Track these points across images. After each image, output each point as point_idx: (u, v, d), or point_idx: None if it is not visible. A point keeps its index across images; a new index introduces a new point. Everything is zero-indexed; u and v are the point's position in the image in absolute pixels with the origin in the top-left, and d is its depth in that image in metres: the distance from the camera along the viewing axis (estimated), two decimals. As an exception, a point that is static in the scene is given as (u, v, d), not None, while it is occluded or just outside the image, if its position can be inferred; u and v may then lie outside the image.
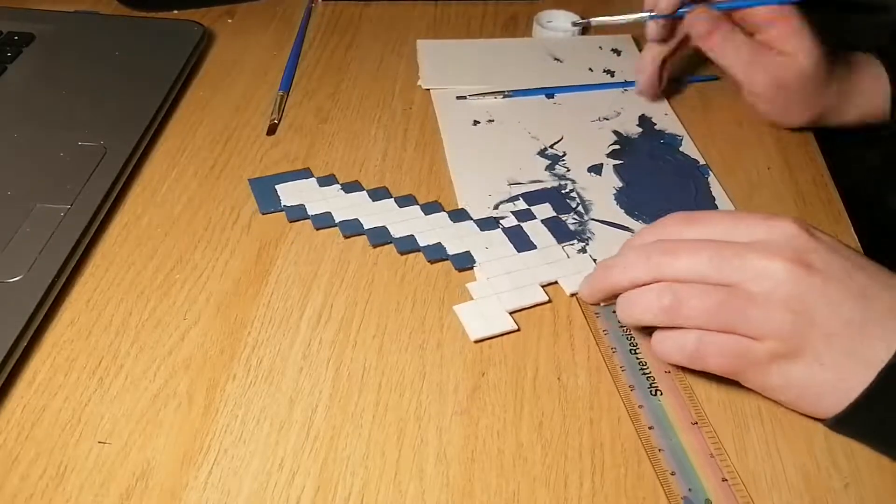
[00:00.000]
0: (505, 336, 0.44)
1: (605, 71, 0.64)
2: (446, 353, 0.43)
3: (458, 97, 0.61)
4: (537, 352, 0.43)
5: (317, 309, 0.45)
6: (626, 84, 0.62)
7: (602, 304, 0.44)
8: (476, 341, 0.43)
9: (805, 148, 0.57)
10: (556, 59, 0.65)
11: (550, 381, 0.41)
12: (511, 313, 0.44)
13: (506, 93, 0.61)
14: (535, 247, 0.48)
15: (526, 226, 0.50)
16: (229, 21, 0.71)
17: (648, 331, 0.41)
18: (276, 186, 0.53)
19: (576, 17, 0.68)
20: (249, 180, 0.53)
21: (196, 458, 0.38)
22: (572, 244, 0.49)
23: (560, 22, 0.69)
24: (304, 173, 0.54)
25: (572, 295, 0.46)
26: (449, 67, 0.64)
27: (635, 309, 0.40)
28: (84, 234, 0.47)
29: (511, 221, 0.50)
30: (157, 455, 0.38)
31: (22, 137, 0.55)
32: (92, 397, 0.40)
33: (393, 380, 0.41)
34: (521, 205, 0.52)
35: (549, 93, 0.62)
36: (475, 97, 0.61)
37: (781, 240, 0.39)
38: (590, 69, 0.64)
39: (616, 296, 0.42)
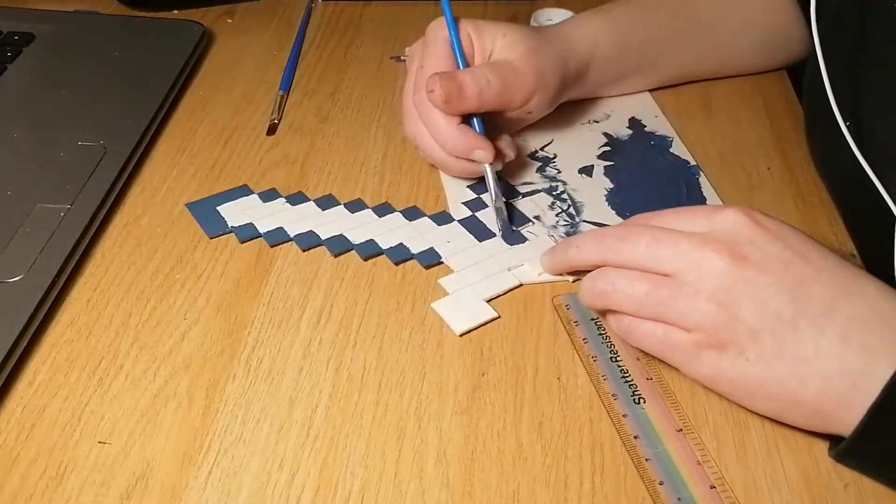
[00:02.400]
0: (505, 336, 0.44)
1: None
2: (446, 353, 0.43)
3: (391, 56, 0.64)
4: (537, 352, 0.43)
5: (317, 309, 0.45)
6: None
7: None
8: (462, 334, 0.43)
9: (805, 148, 0.57)
10: None
11: (550, 381, 0.41)
12: (489, 301, 0.45)
13: None
14: (493, 234, 0.49)
15: (480, 214, 0.51)
16: (229, 21, 0.71)
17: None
18: (218, 208, 0.51)
19: (568, 15, 0.68)
20: (187, 205, 0.51)
21: (196, 458, 0.38)
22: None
23: (559, 20, 0.69)
24: (243, 190, 0.52)
25: (539, 275, 0.47)
26: None
27: (581, 292, 0.42)
28: (84, 234, 0.47)
29: (465, 212, 0.51)
30: (157, 455, 0.38)
31: (22, 137, 0.55)
32: (92, 397, 0.40)
33: (393, 380, 0.41)
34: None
35: None
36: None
37: (721, 230, 0.38)
38: None
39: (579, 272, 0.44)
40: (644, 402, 0.40)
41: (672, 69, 0.62)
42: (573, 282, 0.46)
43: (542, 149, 0.56)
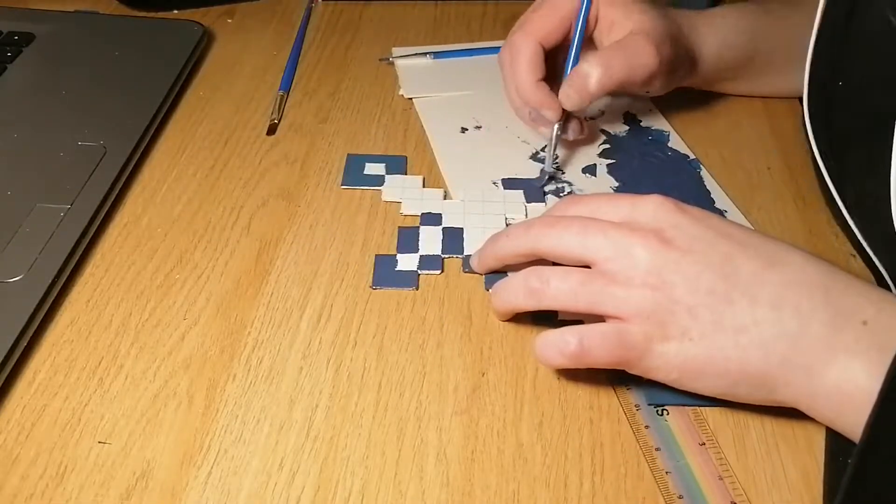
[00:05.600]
0: (505, 336, 0.44)
1: None
2: (446, 353, 0.43)
3: (381, 59, 0.65)
4: (537, 352, 0.43)
5: (317, 309, 0.45)
6: None
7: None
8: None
9: (805, 148, 0.57)
10: None
11: (550, 381, 0.41)
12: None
13: (433, 53, 0.64)
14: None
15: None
16: (229, 21, 0.71)
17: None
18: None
19: None
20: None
21: (196, 458, 0.38)
22: None
23: None
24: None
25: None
26: (427, 75, 0.64)
27: (506, 293, 0.42)
28: (84, 234, 0.47)
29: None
30: (157, 455, 0.38)
31: (22, 137, 0.55)
32: (92, 397, 0.40)
33: (393, 380, 0.41)
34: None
35: (479, 53, 0.65)
36: (401, 58, 0.64)
37: (643, 217, 0.40)
38: None
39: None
40: (667, 414, 0.40)
41: (793, 82, 0.58)
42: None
43: (542, 150, 0.56)
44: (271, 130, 0.58)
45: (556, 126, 0.53)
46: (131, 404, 0.40)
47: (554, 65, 0.55)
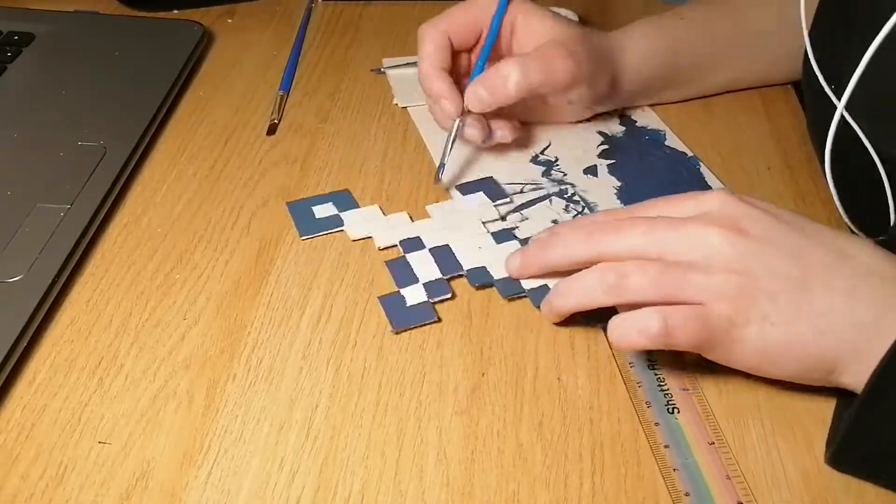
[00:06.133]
0: (505, 336, 0.44)
1: None
2: (446, 353, 0.43)
3: (372, 69, 0.64)
4: (537, 352, 0.43)
5: (317, 309, 0.45)
6: None
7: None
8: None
9: (805, 148, 0.57)
10: None
11: (550, 381, 0.41)
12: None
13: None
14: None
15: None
16: (229, 21, 0.71)
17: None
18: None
19: (574, 16, 0.68)
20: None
21: (196, 458, 0.38)
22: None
23: None
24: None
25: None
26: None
27: (580, 293, 0.41)
28: (84, 234, 0.47)
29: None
30: (157, 455, 0.38)
31: (22, 137, 0.55)
32: (92, 397, 0.40)
33: (393, 380, 0.41)
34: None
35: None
36: (392, 69, 0.63)
37: (714, 210, 0.40)
38: None
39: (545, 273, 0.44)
40: (678, 412, 0.40)
41: (722, 80, 0.61)
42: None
43: (542, 152, 0.56)
44: (271, 130, 0.58)
45: (457, 121, 0.52)
46: (131, 404, 0.40)
47: (465, 66, 0.56)
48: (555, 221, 0.50)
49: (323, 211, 0.51)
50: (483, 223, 0.50)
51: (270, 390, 0.41)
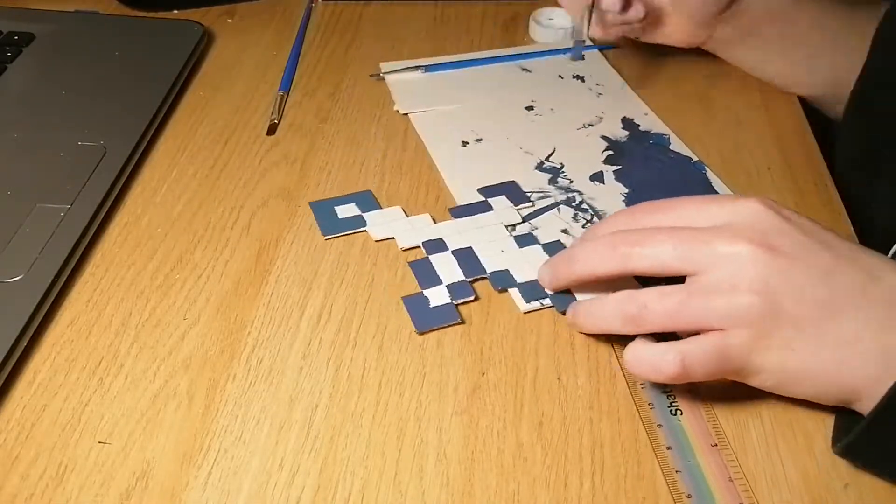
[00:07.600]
0: (505, 336, 0.44)
1: (574, 77, 0.64)
2: (446, 353, 0.43)
3: (371, 74, 0.64)
4: (537, 352, 0.43)
5: (317, 309, 0.45)
6: (568, 50, 0.65)
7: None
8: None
9: (805, 148, 0.57)
10: (524, 69, 0.65)
11: (550, 381, 0.41)
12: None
13: (424, 66, 0.63)
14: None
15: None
16: (229, 21, 0.71)
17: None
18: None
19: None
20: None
21: (196, 458, 0.38)
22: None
23: (560, 20, 0.69)
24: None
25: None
26: (421, 89, 0.63)
27: (600, 321, 0.41)
28: (84, 234, 0.47)
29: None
30: (157, 455, 0.38)
31: (22, 137, 0.55)
32: (92, 397, 0.40)
33: (393, 380, 0.41)
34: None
35: (470, 65, 0.65)
36: (391, 73, 0.63)
37: (747, 221, 0.38)
38: (559, 76, 0.64)
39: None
40: (681, 413, 0.40)
41: (827, 74, 0.60)
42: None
43: (547, 159, 0.56)
44: (271, 130, 0.58)
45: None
46: (131, 404, 0.40)
47: None
48: (564, 231, 0.50)
49: (345, 211, 0.51)
50: (505, 227, 0.50)
51: (270, 390, 0.41)
